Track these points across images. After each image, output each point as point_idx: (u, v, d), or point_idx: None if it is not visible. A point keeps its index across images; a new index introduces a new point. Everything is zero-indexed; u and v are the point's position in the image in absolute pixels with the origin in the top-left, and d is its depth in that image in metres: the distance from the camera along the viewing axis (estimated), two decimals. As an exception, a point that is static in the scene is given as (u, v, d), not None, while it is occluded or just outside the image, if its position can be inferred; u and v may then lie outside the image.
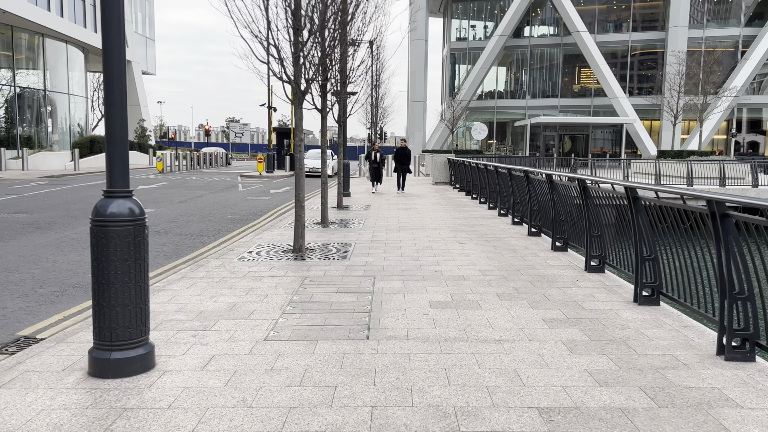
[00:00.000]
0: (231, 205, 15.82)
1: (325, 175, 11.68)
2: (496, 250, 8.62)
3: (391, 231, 10.55)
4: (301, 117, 8.25)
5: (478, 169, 16.03)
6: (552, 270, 7.19)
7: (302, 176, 8.38)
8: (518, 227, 11.11)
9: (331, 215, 12.96)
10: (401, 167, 19.64)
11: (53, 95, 37.53)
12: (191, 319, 5.12)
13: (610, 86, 48.06)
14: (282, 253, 8.34)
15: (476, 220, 12.24)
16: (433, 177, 24.85)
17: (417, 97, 54.50)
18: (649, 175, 25.02)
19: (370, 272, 7.02)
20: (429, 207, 14.89)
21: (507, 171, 11.72)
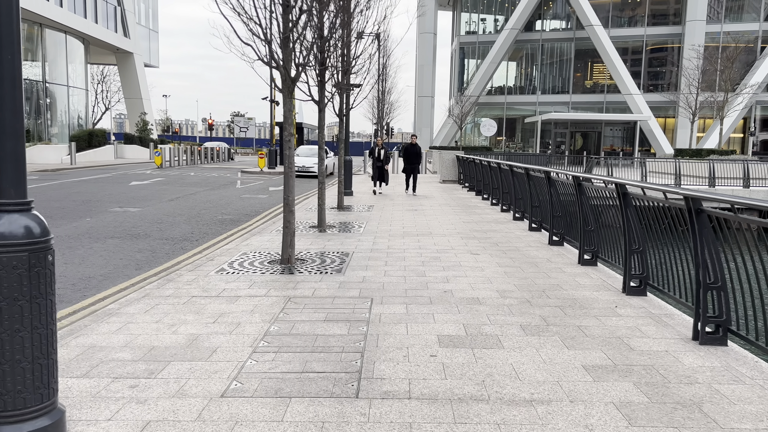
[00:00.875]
0: (224, 204, 14.76)
1: (322, 174, 10.59)
2: (514, 262, 7.50)
3: (395, 237, 9.45)
4: (291, 108, 7.16)
5: (491, 168, 14.90)
6: (583, 291, 6.06)
7: (292, 176, 7.29)
8: (536, 234, 9.98)
9: (330, 217, 11.88)
10: (410, 167, 17.67)
11: (52, 87, 36.60)
12: (137, 359, 4.04)
13: (624, 82, 46.69)
14: (268, 264, 7.26)
15: (489, 224, 11.12)
16: (441, 175, 23.72)
17: (425, 92, 53.33)
18: (668, 174, 23.78)
19: (368, 292, 5.92)
20: (437, 209, 13.78)
21: (524, 171, 10.58)
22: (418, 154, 17.94)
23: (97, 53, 45.47)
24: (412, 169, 17.69)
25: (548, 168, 8.91)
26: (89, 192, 16.67)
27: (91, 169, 27.90)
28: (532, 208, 10.29)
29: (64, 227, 10.48)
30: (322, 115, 10.35)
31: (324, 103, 10.22)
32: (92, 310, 5.31)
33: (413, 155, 17.78)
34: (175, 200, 15.34)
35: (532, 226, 10.32)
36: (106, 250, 8.60)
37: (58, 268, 7.33)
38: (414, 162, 17.77)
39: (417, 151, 17.87)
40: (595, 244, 7.28)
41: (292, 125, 7.20)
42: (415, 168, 17.80)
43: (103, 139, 37.46)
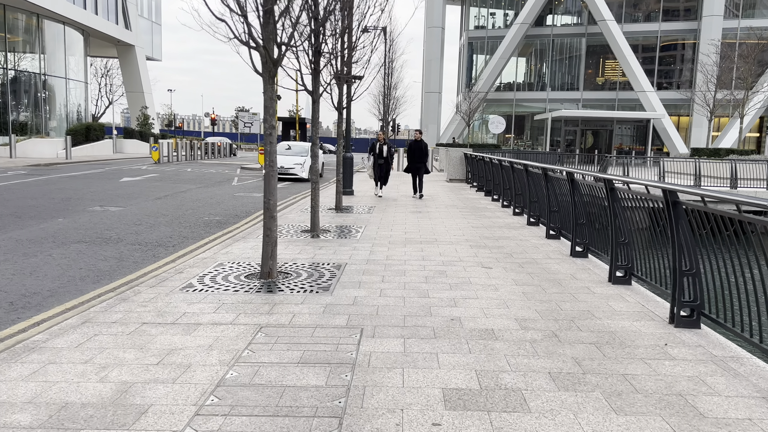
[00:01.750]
0: (215, 204, 13.72)
1: (315, 172, 9.53)
2: (532, 279, 6.41)
3: (395, 245, 8.37)
4: (272, 96, 6.09)
5: (502, 167, 13.78)
6: (620, 320, 4.98)
7: (273, 176, 6.23)
8: (555, 243, 8.88)
9: (326, 220, 10.82)
10: (416, 166, 15.58)
11: (50, 80, 35.70)
12: (37, 425, 3.00)
13: (637, 79, 45.37)
14: (245, 279, 6.20)
15: (501, 230, 10.03)
16: (448, 174, 22.61)
17: (432, 88, 52.18)
18: (687, 175, 22.58)
19: (358, 318, 4.86)
20: (443, 211, 12.68)
21: (541, 171, 9.47)
22: (425, 151, 15.76)
23: (97, 45, 44.56)
24: (417, 169, 15.63)
25: (571, 168, 7.80)
26: (73, 189, 15.67)
27: (85, 164, 26.95)
28: (550, 213, 9.19)
29: (29, 229, 9.46)
30: (316, 107, 9.27)
31: (318, 94, 9.15)
32: (14, 342, 4.27)
33: (418, 152, 15.64)
34: (163, 198, 14.32)
35: (549, 233, 9.21)
36: (66, 257, 7.57)
37: (2, 281, 6.31)
38: (420, 160, 15.61)
39: (423, 148, 15.69)
40: (629, 260, 6.18)
41: (273, 116, 6.13)
42: (421, 168, 15.63)
43: (101, 133, 36.54)
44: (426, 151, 15.91)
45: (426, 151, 15.91)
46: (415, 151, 15.72)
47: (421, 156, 15.69)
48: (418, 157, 15.66)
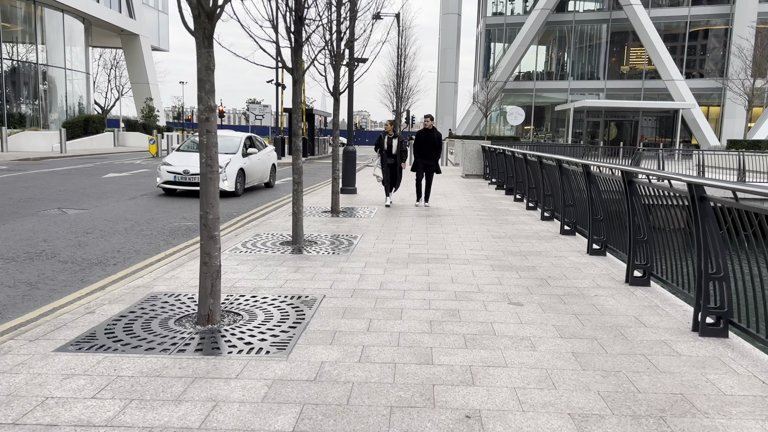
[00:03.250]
0: (195, 204, 11.96)
1: (299, 171, 7.68)
2: (583, 326, 4.51)
3: (395, 264, 6.51)
4: (208, 65, 4.24)
5: (527, 162, 11.80)
6: (747, 419, 3.07)
7: (214, 180, 4.39)
8: (601, 261, 6.95)
9: (316, 226, 8.98)
10: (425, 163, 11.92)
11: (49, 70, 34.27)
12: None
13: (666, 67, 42.83)
14: (175, 325, 4.39)
15: (528, 241, 8.11)
16: (464, 168, 20.65)
17: (447, 78, 50.06)
18: (730, 170, 20.40)
19: (317, 414, 3.02)
20: (457, 215, 10.78)
21: (582, 169, 7.50)
22: (437, 144, 11.87)
23: (100, 35, 43.09)
24: (426, 167, 11.95)
25: (628, 168, 5.85)
26: (44, 186, 14.01)
27: (77, 158, 25.41)
28: (593, 222, 7.25)
29: (-51, 240, 7.75)
30: (297, 89, 7.41)
31: (299, 72, 7.29)
32: None
33: (429, 145, 11.80)
34: (138, 198, 12.58)
35: (592, 248, 7.27)
36: (-36, 283, 5.82)
37: None
38: (430, 155, 11.86)
39: (434, 140, 11.82)
40: (725, 301, 4.25)
41: (210, 94, 4.28)
42: (432, 167, 11.97)
43: (101, 126, 35.05)
44: (439, 145, 11.88)
45: (439, 145, 11.88)
46: (424, 143, 11.83)
47: (431, 150, 11.84)
48: (429, 152, 11.84)
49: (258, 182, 15.25)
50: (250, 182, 14.55)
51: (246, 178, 14.11)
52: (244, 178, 13.96)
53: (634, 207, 5.79)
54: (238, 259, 6.56)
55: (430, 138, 11.87)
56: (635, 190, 5.75)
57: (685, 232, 4.84)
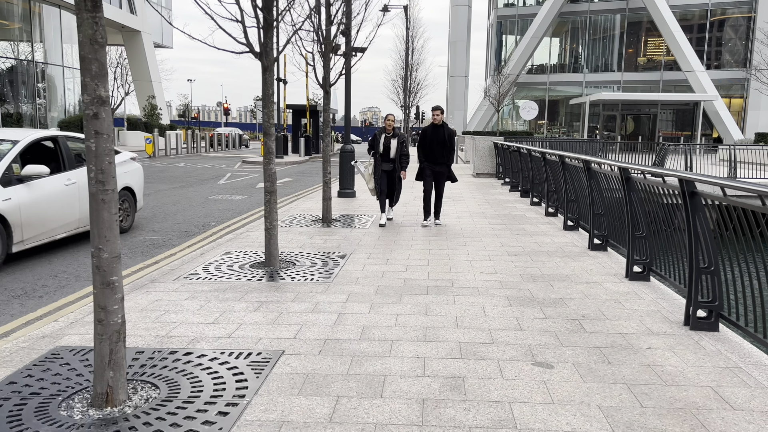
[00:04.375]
0: (172, 213, 10.69)
1: (271, 178, 6.36)
2: (643, 408, 3.14)
3: (384, 297, 5.16)
4: (93, 37, 2.91)
5: (546, 162, 10.38)
6: None
7: (108, 204, 3.06)
8: (646, 289, 5.55)
9: (301, 239, 7.65)
10: (434, 169, 9.02)
11: (46, 68, 33.24)
12: None
13: (686, 57, 40.99)
14: (62, 408, 3.09)
15: (552, 260, 6.72)
16: (474, 167, 19.23)
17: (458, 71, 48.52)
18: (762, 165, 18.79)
19: None
20: (467, 224, 9.40)
21: (620, 173, 6.07)
22: (448, 143, 8.90)
23: (101, 32, 41.97)
24: (436, 175, 9.03)
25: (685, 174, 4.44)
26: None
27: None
28: (633, 239, 5.84)
29: None
30: (267, 77, 6.06)
31: (269, 59, 5.95)
32: None
33: (439, 146, 8.90)
34: (112, 205, 11.34)
35: (632, 271, 5.87)
36: None
37: None
38: (440, 159, 8.94)
39: (445, 139, 8.88)
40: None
41: (99, 78, 2.95)
42: (442, 174, 9.06)
43: (100, 125, 33.84)
44: (451, 144, 8.93)
45: (451, 144, 8.93)
46: (432, 143, 8.92)
47: (442, 152, 8.91)
48: (438, 154, 8.92)
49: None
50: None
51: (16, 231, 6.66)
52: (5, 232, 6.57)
53: (695, 222, 4.40)
54: (189, 291, 5.24)
55: (440, 136, 8.83)
56: (698, 204, 4.35)
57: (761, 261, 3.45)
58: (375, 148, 9.19)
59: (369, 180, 9.36)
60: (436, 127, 8.91)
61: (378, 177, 9.15)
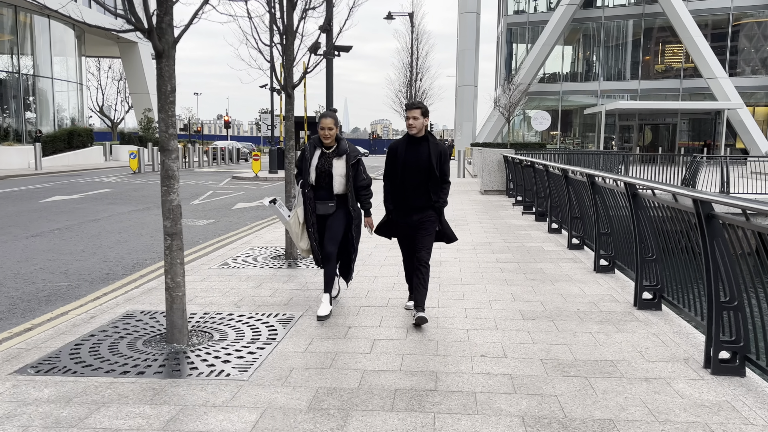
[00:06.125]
0: (112, 245, 8.75)
1: (173, 212, 4.37)
2: None
3: (320, 419, 3.15)
4: None
5: (567, 181, 8.30)
6: None
7: None
8: (753, 399, 3.48)
9: (243, 289, 5.66)
10: (411, 222, 4.89)
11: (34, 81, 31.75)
12: None
13: (708, 64, 38.78)
14: None
15: (587, 328, 4.66)
16: (482, 182, 17.20)
17: (466, 81, 46.62)
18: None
19: None
20: (468, 260, 7.36)
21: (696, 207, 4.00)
22: (434, 172, 4.80)
23: (96, 43, 40.62)
24: (414, 226, 4.89)
25: None
26: None
27: (45, 176, 22.58)
28: (716, 305, 3.77)
29: None
30: (163, 66, 4.10)
31: (167, 40, 4.01)
32: None
33: (418, 178, 4.82)
34: (44, 235, 9.42)
35: (719, 360, 3.79)
36: None
37: None
38: (421, 202, 4.86)
39: (428, 164, 4.78)
40: None
41: None
42: (428, 221, 4.90)
43: (89, 139, 32.35)
44: (443, 172, 4.88)
45: (443, 172, 4.88)
46: (406, 171, 4.82)
47: (424, 188, 4.86)
48: (418, 192, 4.86)
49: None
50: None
51: None
52: None
53: None
54: (12, 401, 3.26)
55: (421, 158, 4.80)
56: None
57: None
58: (304, 173, 5.01)
59: (299, 234, 5.14)
60: (414, 142, 4.81)
61: (312, 227, 5.04)
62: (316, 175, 4.97)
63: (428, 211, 4.90)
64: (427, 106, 4.79)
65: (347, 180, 4.98)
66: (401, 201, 4.90)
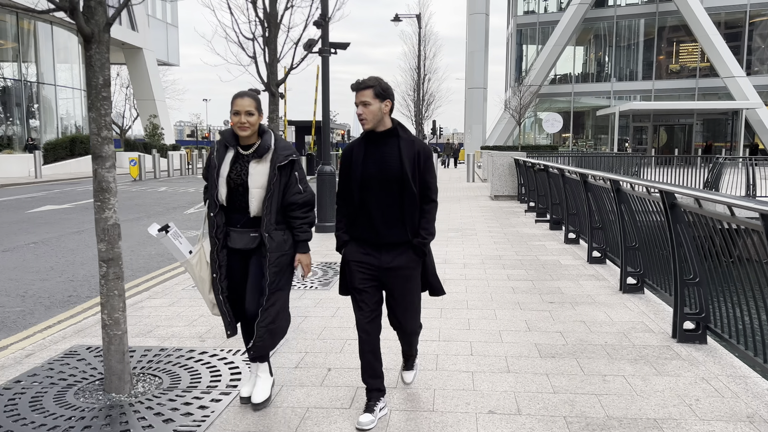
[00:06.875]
0: (85, 262, 8.03)
1: (108, 234, 3.56)
2: None
3: None
4: None
5: (585, 187, 7.44)
6: None
7: None
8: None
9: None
10: (378, 263, 3.09)
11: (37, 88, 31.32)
12: None
13: (725, 63, 37.67)
14: None
15: (618, 369, 3.83)
16: (492, 187, 16.35)
17: (476, 83, 45.75)
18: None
19: None
20: (475, 277, 6.54)
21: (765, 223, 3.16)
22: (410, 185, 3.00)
23: (101, 50, 40.17)
24: (388, 281, 3.12)
25: None
26: None
27: (46, 184, 22.04)
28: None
29: None
30: (92, 55, 3.33)
31: (96, 22, 3.25)
32: None
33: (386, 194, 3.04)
34: (12, 251, 8.72)
35: (793, 420, 2.96)
36: None
37: None
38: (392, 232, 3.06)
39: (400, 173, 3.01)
40: None
41: None
42: (406, 273, 3.10)
43: (92, 146, 31.73)
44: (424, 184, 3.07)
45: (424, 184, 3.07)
46: (367, 175, 3.06)
47: (396, 209, 3.05)
48: (386, 217, 3.06)
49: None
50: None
51: None
52: None
53: None
54: None
55: (387, 161, 3.06)
56: None
57: None
58: (209, 188, 3.34)
59: (206, 280, 3.36)
60: (376, 141, 3.12)
61: (219, 270, 3.31)
62: (228, 190, 3.22)
63: (404, 249, 3.09)
64: (388, 84, 3.08)
65: (270, 193, 3.17)
66: (364, 233, 3.11)
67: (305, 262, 3.32)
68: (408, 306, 3.17)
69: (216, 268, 3.29)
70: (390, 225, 3.07)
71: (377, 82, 3.07)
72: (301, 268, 3.31)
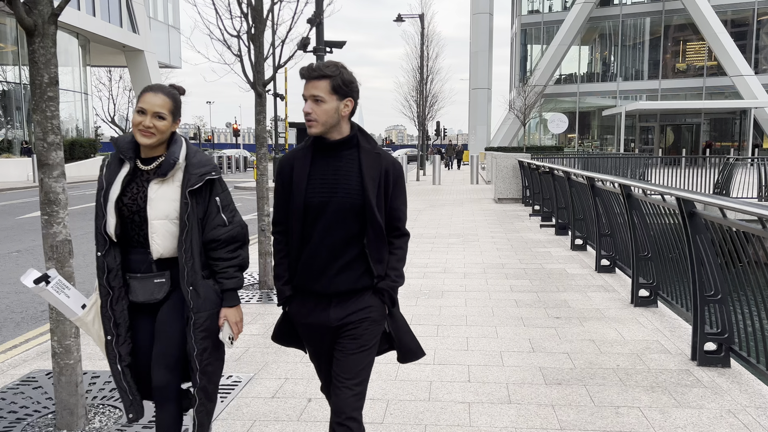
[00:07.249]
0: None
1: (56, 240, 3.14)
2: None
3: None
4: None
5: (593, 192, 7.01)
6: None
7: None
8: None
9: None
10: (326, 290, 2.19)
11: (37, 90, 31.08)
12: None
13: (732, 61, 37.12)
14: None
15: (633, 398, 3.42)
16: (496, 190, 15.93)
17: (480, 84, 45.32)
18: None
19: None
20: (476, 288, 6.13)
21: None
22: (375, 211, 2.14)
23: (102, 52, 40.03)
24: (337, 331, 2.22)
25: None
26: None
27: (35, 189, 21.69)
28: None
29: None
30: (36, 48, 2.98)
31: (40, 13, 2.88)
32: None
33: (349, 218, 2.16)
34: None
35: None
36: None
37: None
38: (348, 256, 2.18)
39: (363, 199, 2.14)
40: None
41: None
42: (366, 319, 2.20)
43: (92, 150, 31.59)
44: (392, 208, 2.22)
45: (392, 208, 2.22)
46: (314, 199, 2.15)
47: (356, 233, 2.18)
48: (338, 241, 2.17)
49: None
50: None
51: None
52: None
53: None
54: None
55: (342, 180, 2.17)
56: None
57: None
58: (97, 218, 2.37)
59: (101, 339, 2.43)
60: (327, 152, 2.20)
61: (115, 326, 2.39)
62: (119, 220, 2.32)
63: (363, 297, 2.22)
64: (353, 77, 2.20)
65: (186, 228, 2.29)
66: (307, 277, 2.21)
67: (234, 319, 2.38)
68: (353, 371, 2.16)
69: (110, 328, 2.34)
70: (343, 269, 2.16)
71: (338, 71, 2.14)
72: (229, 327, 2.36)
